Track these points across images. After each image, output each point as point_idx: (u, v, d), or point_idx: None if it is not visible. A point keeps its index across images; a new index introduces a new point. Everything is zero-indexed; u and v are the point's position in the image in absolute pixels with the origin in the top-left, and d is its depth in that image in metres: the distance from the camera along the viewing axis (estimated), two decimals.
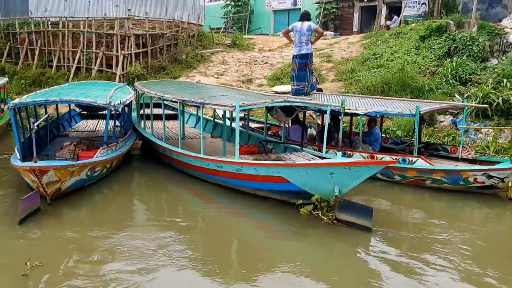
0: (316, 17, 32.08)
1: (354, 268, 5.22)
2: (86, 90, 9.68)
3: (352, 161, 6.19)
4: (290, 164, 6.61)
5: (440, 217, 6.97)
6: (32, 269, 4.78)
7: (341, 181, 6.11)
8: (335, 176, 6.10)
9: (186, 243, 5.65)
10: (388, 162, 6.58)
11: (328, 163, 6.31)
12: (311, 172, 6.27)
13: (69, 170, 6.74)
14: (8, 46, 18.03)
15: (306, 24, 10.19)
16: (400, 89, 13.35)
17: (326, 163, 6.30)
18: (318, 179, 6.24)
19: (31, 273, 4.73)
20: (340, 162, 6.12)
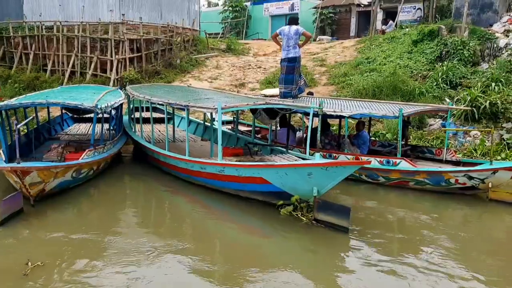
0: (313, 22, 32.30)
1: (330, 268, 5.24)
2: (76, 94, 9.78)
3: (328, 162, 6.27)
4: (269, 165, 6.69)
5: (421, 217, 7.03)
6: (33, 270, 4.84)
7: (319, 181, 6.17)
8: (313, 177, 6.16)
9: (171, 245, 5.67)
10: (363, 163, 6.65)
11: (305, 164, 6.38)
12: (289, 173, 6.34)
13: (53, 171, 6.81)
14: (2, 50, 18.14)
15: (294, 28, 10.29)
16: (391, 92, 13.44)
17: (304, 164, 6.37)
18: (297, 179, 6.31)
19: (31, 274, 4.78)
20: (317, 163, 6.20)
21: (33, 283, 4.63)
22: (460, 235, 6.34)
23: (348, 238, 5.94)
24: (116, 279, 4.77)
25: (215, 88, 16.17)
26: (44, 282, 4.64)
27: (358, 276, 4.97)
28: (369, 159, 7.40)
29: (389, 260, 5.32)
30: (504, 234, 6.66)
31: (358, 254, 5.52)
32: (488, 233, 6.57)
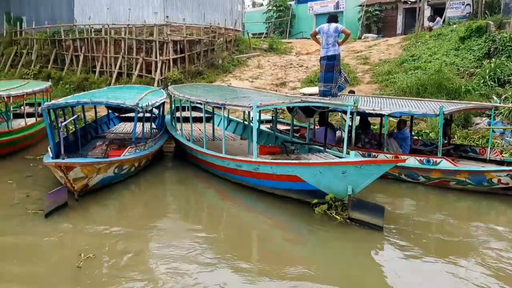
0: (359, 19, 31.88)
1: (363, 267, 5.22)
2: (120, 93, 10.14)
3: (362, 160, 6.19)
4: (303, 163, 6.68)
5: (461, 218, 6.84)
6: (85, 261, 5.07)
7: (354, 180, 6.11)
8: (347, 175, 6.11)
9: (210, 241, 5.81)
10: (396, 161, 6.49)
11: (340, 162, 6.33)
12: (324, 171, 6.31)
13: (95, 167, 7.11)
14: (54, 53, 19.02)
15: (333, 26, 10.20)
16: (436, 91, 13.06)
17: (338, 162, 6.33)
18: (331, 178, 6.28)
19: (84, 265, 5.01)
20: (351, 161, 6.13)
21: (87, 273, 4.84)
22: (502, 236, 6.08)
23: (384, 237, 5.85)
24: (161, 271, 4.91)
25: (255, 87, 16.26)
26: (97, 273, 4.85)
27: (393, 274, 4.93)
28: (403, 157, 7.24)
29: (425, 260, 5.23)
30: None
31: (394, 252, 5.47)
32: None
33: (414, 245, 5.64)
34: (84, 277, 4.79)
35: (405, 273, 4.98)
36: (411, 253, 5.45)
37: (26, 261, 5.20)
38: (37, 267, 5.09)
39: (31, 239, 5.81)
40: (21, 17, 21.35)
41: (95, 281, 4.72)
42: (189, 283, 4.67)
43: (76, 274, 4.84)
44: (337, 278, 4.88)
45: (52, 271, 5.00)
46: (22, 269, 5.01)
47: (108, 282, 4.71)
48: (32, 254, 5.40)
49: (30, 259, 5.27)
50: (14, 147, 11.19)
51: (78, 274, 4.84)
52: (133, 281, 4.71)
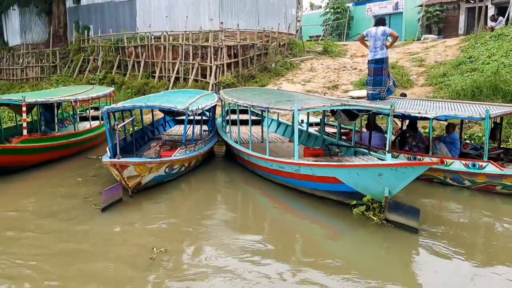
0: (418, 20, 31.19)
1: (398, 267, 5.35)
2: (174, 97, 10.73)
3: (397, 162, 6.27)
4: (341, 165, 6.84)
5: (505, 224, 6.70)
6: (158, 254, 5.47)
7: (390, 182, 6.22)
8: (383, 177, 6.23)
9: (258, 239, 6.05)
10: (430, 163, 6.50)
11: (376, 164, 6.45)
12: (361, 173, 6.45)
13: (148, 166, 7.65)
14: (118, 59, 20.19)
15: (381, 29, 10.24)
16: (492, 93, 12.69)
17: (374, 164, 6.45)
18: (368, 180, 6.41)
19: (157, 257, 5.41)
20: (386, 163, 6.24)
21: (159, 266, 5.21)
22: None
23: (419, 238, 5.91)
24: (220, 266, 5.25)
25: (307, 90, 16.44)
26: (171, 266, 5.22)
27: (421, 273, 5.03)
28: (449, 161, 7.20)
29: (462, 264, 5.26)
30: None
31: (426, 253, 5.52)
32: None
33: (451, 248, 5.64)
34: (158, 268, 5.18)
35: (434, 273, 5.05)
36: (445, 255, 5.47)
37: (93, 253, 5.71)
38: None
39: (97, 229, 6.40)
40: (88, 26, 22.82)
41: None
42: (243, 275, 5.00)
43: (151, 266, 5.23)
44: (368, 272, 5.03)
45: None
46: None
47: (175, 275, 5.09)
48: (101, 245, 5.93)
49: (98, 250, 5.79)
50: (80, 147, 12.12)
51: (152, 266, 5.23)
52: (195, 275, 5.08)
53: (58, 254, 5.60)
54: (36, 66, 23.49)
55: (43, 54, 23.75)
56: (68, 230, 6.36)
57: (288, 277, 4.92)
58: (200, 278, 4.93)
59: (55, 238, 6.08)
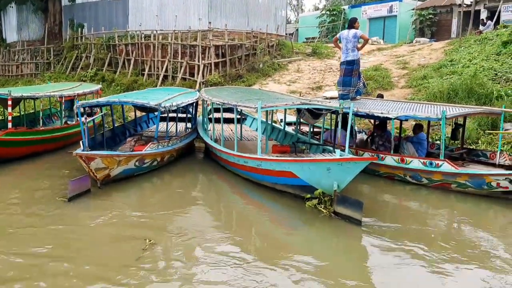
0: (412, 23, 31.54)
1: (343, 256, 5.73)
2: (154, 94, 11.10)
3: (342, 158, 6.61)
4: (296, 160, 7.18)
5: (455, 219, 7.12)
6: (150, 245, 5.70)
7: (338, 176, 6.56)
8: (331, 171, 6.57)
9: (220, 227, 6.51)
10: (371, 159, 6.83)
11: (324, 159, 6.81)
12: (312, 168, 6.80)
13: (115, 159, 8.00)
14: (109, 57, 20.57)
15: (352, 32, 10.59)
16: (466, 96, 13.00)
17: (322, 159, 6.80)
18: (319, 174, 6.76)
19: (150, 248, 5.62)
20: (332, 158, 6.60)
21: (152, 257, 5.42)
22: (490, 239, 6.22)
23: (362, 230, 6.27)
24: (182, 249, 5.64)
25: (292, 91, 16.79)
26: (162, 256, 5.46)
27: (366, 265, 5.39)
28: (409, 159, 7.53)
29: (405, 255, 5.56)
30: None
31: (374, 245, 5.85)
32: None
33: (393, 240, 5.97)
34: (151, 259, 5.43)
35: (374, 262, 5.41)
36: (387, 246, 5.80)
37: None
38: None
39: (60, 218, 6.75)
40: (83, 24, 23.23)
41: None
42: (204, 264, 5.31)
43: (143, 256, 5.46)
44: (315, 261, 5.35)
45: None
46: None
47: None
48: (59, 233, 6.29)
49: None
50: (65, 142, 12.47)
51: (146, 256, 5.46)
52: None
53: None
54: (31, 62, 23.91)
55: (38, 51, 24.18)
56: (33, 221, 6.67)
57: (246, 265, 5.25)
58: (163, 272, 5.15)
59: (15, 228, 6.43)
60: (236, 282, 4.81)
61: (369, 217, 6.73)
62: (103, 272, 5.04)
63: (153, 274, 4.98)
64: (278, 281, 4.84)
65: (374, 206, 7.49)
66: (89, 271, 5.05)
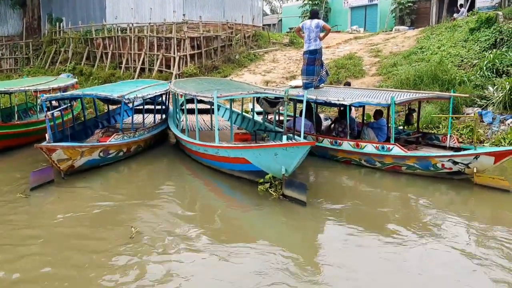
0: (392, 11, 31.85)
1: (287, 233, 6.11)
2: (122, 87, 11.36)
3: (286, 143, 6.93)
4: (246, 146, 7.51)
5: (404, 198, 7.55)
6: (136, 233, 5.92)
7: (284, 160, 6.90)
8: (278, 156, 6.91)
9: (180, 209, 6.89)
10: (310, 143, 7.04)
11: (270, 144, 7.14)
12: (262, 153, 7.13)
13: (78, 150, 8.27)
14: (87, 51, 20.72)
15: (315, 22, 10.88)
16: (431, 82, 13.39)
17: (269, 145, 7.13)
18: (268, 159, 7.09)
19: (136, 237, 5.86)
20: (277, 143, 6.93)
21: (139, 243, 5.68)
22: (436, 215, 6.57)
23: (306, 210, 6.65)
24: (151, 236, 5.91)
25: (266, 81, 17.11)
26: (149, 243, 5.71)
27: (317, 244, 5.78)
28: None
29: (359, 234, 5.89)
30: (479, 217, 6.68)
31: (316, 224, 6.29)
32: (463, 214, 6.72)
33: (337, 218, 6.38)
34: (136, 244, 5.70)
35: (319, 238, 5.89)
36: (333, 225, 6.22)
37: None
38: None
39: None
40: (61, 18, 23.30)
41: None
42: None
43: (132, 243, 5.69)
44: (266, 239, 5.74)
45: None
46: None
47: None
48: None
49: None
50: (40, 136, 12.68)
51: (134, 243, 5.68)
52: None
53: None
54: (10, 58, 23.98)
55: (17, 46, 24.23)
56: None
57: (204, 242, 5.66)
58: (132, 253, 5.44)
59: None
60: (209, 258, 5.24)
61: (320, 198, 7.16)
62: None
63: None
64: (233, 257, 5.28)
65: (328, 188, 7.93)
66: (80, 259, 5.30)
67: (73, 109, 11.98)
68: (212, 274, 4.90)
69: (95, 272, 4.93)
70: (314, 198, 7.13)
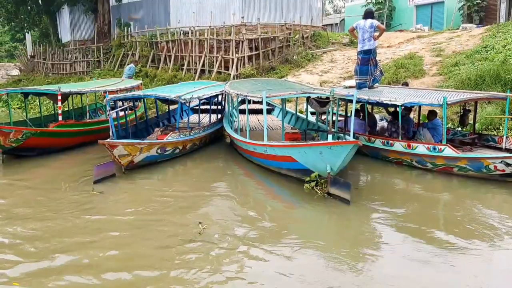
0: (459, 9, 30.70)
1: (331, 230, 6.29)
2: (181, 88, 11.92)
3: (331, 142, 7.04)
4: (293, 145, 7.71)
5: (455, 201, 7.41)
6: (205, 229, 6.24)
7: (329, 159, 7.02)
8: (324, 155, 7.04)
9: (234, 207, 7.14)
10: (354, 142, 6.97)
11: (315, 143, 7.28)
12: (307, 152, 7.29)
13: (137, 146, 8.84)
14: (152, 54, 21.73)
15: (369, 22, 10.87)
16: (493, 82, 12.90)
17: (314, 144, 7.28)
18: (314, 158, 7.24)
19: (204, 232, 6.15)
20: (321, 142, 7.06)
21: (207, 239, 5.92)
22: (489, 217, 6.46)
23: (350, 208, 6.76)
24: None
25: (323, 81, 17.16)
26: (216, 239, 5.95)
27: (365, 241, 5.82)
28: (414, 145, 7.91)
29: (406, 237, 5.87)
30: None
31: (363, 223, 6.38)
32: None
33: (385, 220, 6.39)
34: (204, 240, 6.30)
35: (363, 237, 5.93)
36: (379, 225, 6.26)
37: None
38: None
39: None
40: (129, 23, 24.58)
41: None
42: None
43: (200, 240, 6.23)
44: (310, 234, 5.94)
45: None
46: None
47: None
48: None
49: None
50: (108, 133, 13.58)
51: (202, 239, 6.02)
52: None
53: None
54: (83, 61, 25.62)
55: (89, 49, 25.85)
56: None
57: (256, 239, 5.88)
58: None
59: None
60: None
61: (367, 198, 7.23)
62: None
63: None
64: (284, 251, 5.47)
65: (377, 189, 7.98)
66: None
67: (135, 109, 12.69)
68: (276, 268, 5.05)
69: (170, 264, 5.20)
70: (361, 198, 7.22)
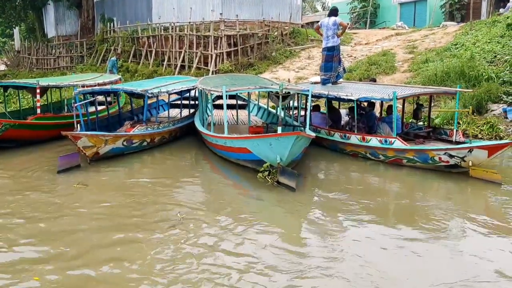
0: (440, 7, 31.21)
1: (279, 215, 6.61)
2: (153, 82, 12.26)
3: (278, 133, 7.44)
4: (247, 136, 8.10)
5: (403, 189, 7.88)
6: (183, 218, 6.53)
7: (278, 150, 7.40)
8: (273, 146, 7.43)
9: (197, 194, 7.52)
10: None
11: (265, 135, 7.67)
12: (259, 143, 7.68)
13: (102, 138, 9.17)
14: (133, 49, 22.01)
15: (332, 19, 11.27)
16: (457, 78, 13.35)
17: (264, 135, 7.67)
18: (265, 149, 7.62)
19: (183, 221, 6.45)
20: (270, 134, 7.45)
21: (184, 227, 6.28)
22: (425, 204, 6.86)
23: (295, 195, 7.15)
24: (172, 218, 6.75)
25: (299, 77, 17.55)
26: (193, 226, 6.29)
27: (304, 225, 6.20)
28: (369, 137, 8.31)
29: (348, 219, 6.25)
30: (472, 207, 6.83)
31: (309, 210, 6.76)
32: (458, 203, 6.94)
33: (330, 206, 6.79)
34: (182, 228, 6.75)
35: (307, 221, 6.30)
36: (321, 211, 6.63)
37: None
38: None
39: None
40: (112, 18, 24.82)
41: None
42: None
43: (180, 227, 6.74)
44: (262, 219, 6.29)
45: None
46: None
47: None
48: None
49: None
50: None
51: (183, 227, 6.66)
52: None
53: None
54: (66, 56, 25.84)
55: (72, 45, 26.06)
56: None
57: (215, 224, 6.21)
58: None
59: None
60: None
61: (317, 186, 7.70)
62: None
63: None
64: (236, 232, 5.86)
65: (329, 178, 8.48)
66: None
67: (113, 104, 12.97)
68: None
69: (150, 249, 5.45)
70: (312, 186, 7.68)
